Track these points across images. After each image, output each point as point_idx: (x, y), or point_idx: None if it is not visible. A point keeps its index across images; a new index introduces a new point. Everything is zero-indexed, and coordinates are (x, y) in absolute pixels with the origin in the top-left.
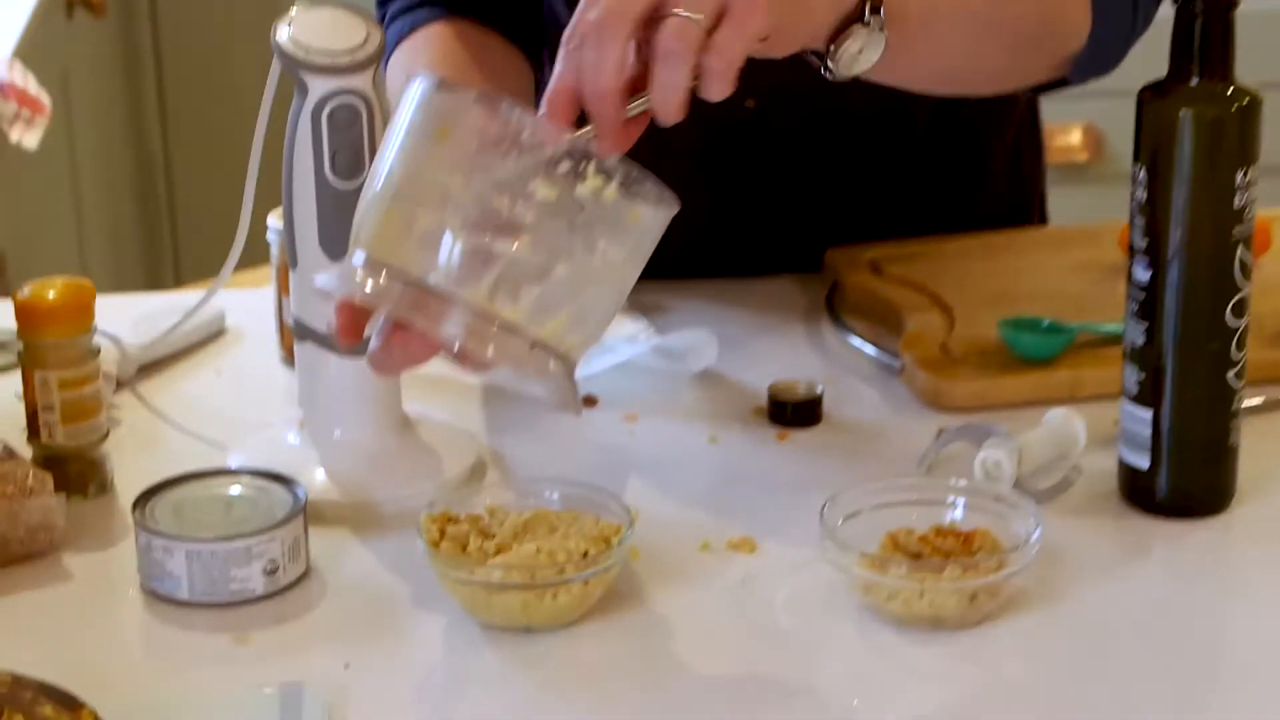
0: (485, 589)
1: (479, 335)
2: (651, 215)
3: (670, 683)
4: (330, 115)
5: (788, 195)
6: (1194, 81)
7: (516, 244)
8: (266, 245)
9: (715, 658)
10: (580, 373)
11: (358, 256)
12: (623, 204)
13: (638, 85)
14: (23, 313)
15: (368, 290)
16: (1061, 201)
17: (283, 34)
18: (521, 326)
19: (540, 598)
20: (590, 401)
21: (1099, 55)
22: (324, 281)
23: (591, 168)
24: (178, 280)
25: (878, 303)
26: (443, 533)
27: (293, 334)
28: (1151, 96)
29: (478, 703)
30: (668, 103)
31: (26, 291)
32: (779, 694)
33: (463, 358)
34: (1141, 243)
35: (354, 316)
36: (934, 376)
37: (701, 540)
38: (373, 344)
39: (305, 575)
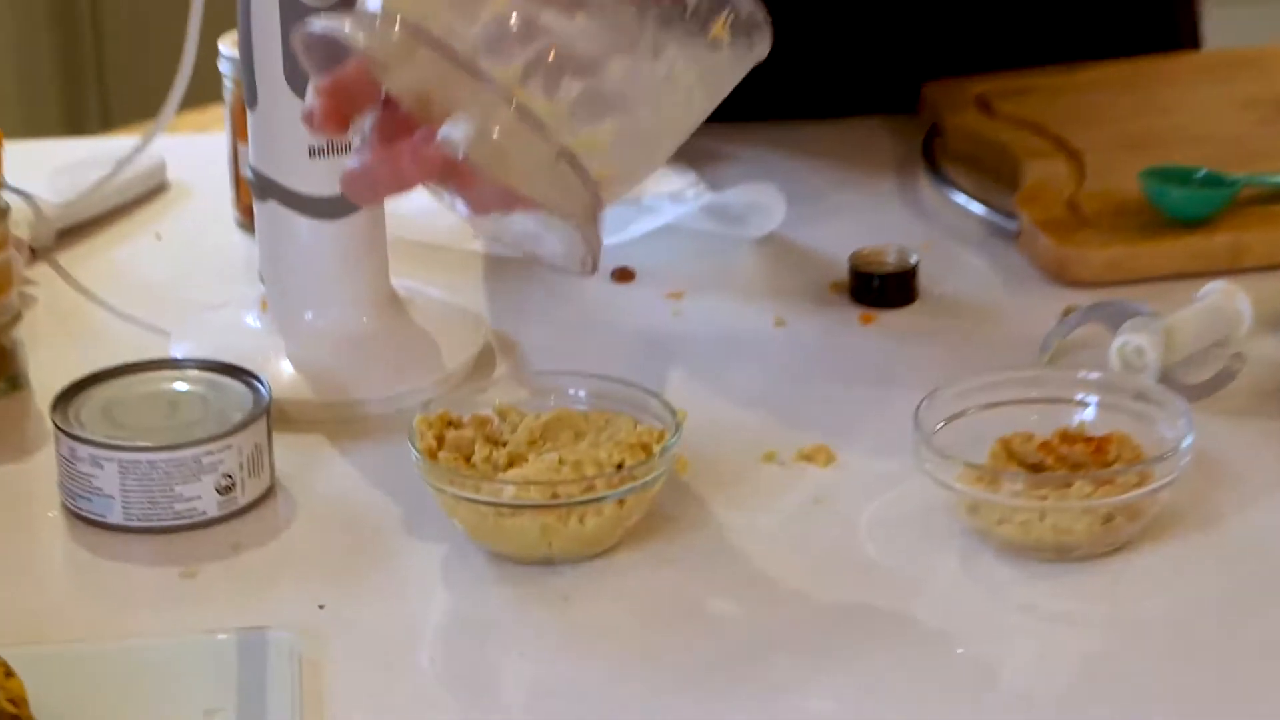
0: (495, 510)
1: (491, 133)
2: (743, 46)
3: (724, 629)
4: None
5: (875, 14)
6: None
7: (570, 20)
8: (218, 79)
9: (781, 598)
10: (612, 239)
11: (373, 3)
12: (710, 12)
13: None
14: None
15: (383, 38)
16: (1221, 22)
17: None
18: (550, 125)
19: (564, 521)
20: (626, 275)
21: None
22: (323, 26)
23: None
24: (106, 123)
25: (988, 149)
26: (441, 440)
27: (251, 190)
28: None
29: (485, 652)
30: None
31: None
32: (862, 643)
33: (462, 177)
34: None
35: (339, 102)
36: (1059, 242)
37: (765, 450)
38: (350, 161)
39: (269, 493)
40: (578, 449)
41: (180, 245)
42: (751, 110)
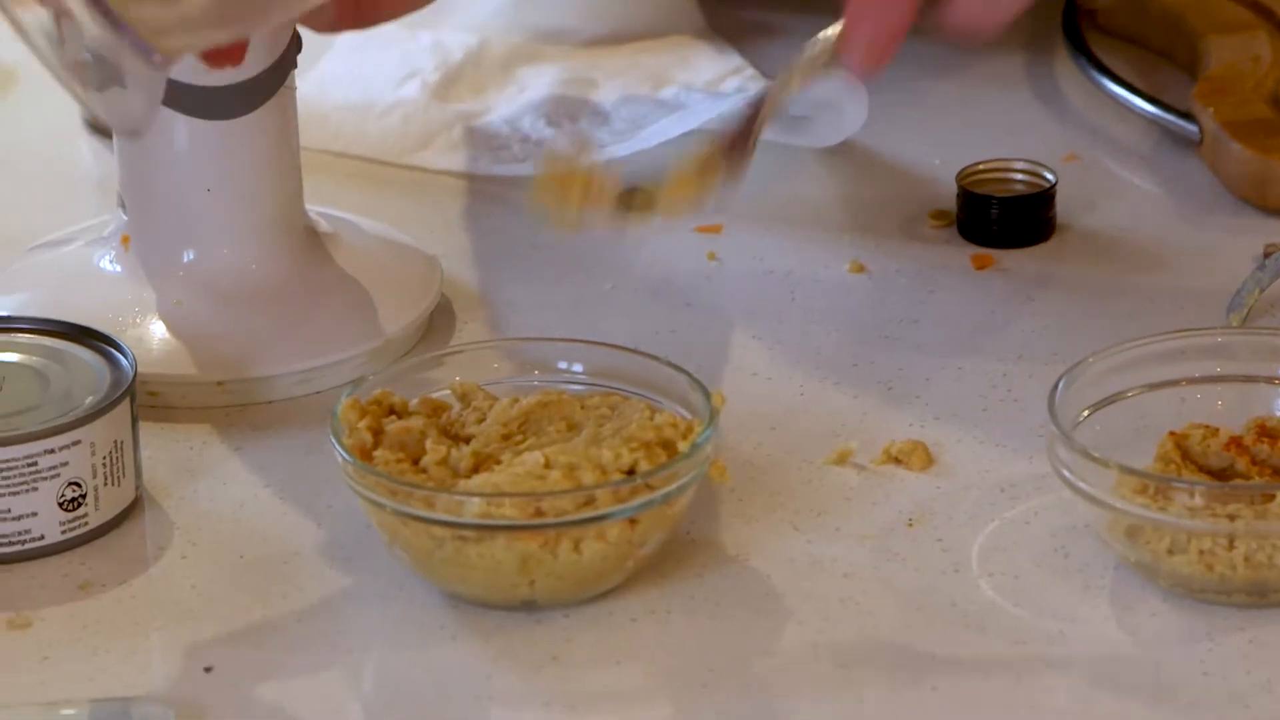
0: (454, 534)
1: None
2: None
3: (776, 703)
4: None
5: None
6: None
7: None
8: None
9: (858, 660)
10: (621, 145)
11: None
12: None
13: None
14: None
15: None
16: None
17: None
18: None
19: (551, 549)
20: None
21: None
22: None
23: None
24: None
25: (1156, 20)
26: (378, 434)
27: None
28: None
29: None
30: None
31: None
32: None
33: None
34: None
35: None
36: (1258, 152)
37: (836, 448)
38: None
39: (133, 510)
40: (571, 447)
41: (4, 155)
42: None
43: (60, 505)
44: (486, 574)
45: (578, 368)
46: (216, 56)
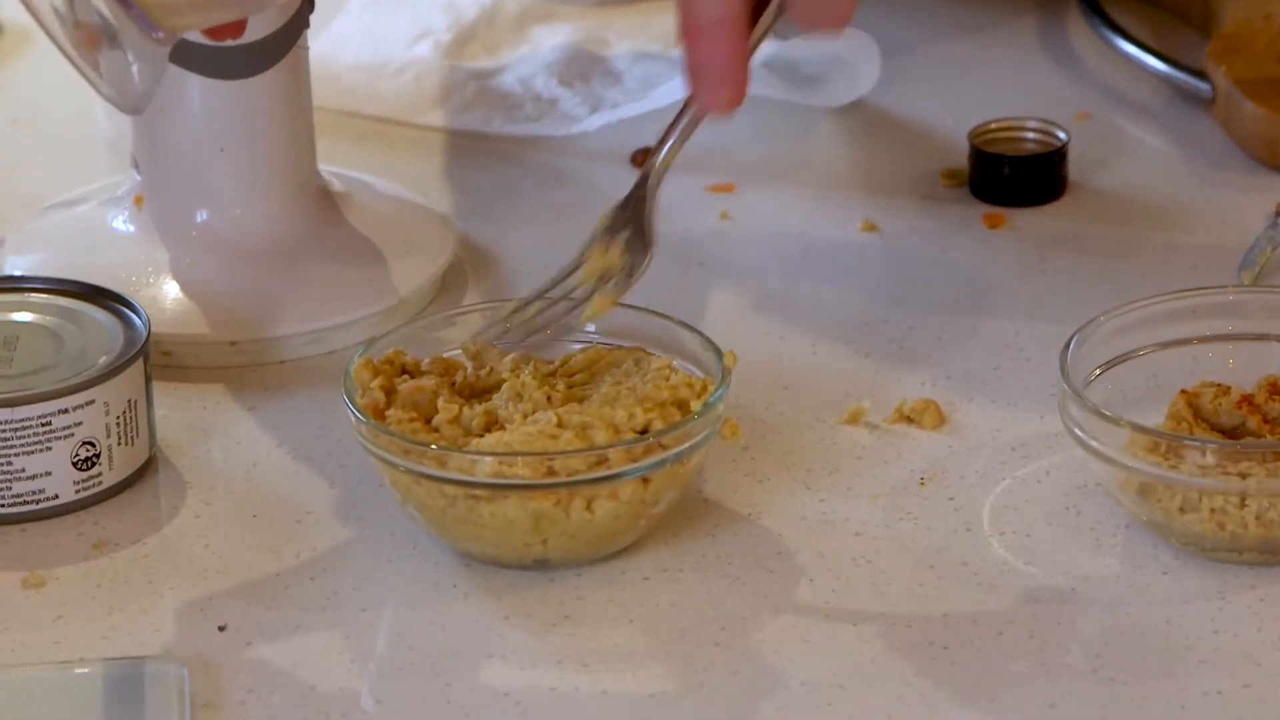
0: (467, 493)
1: None
2: None
3: (789, 662)
4: None
5: None
6: None
7: None
8: None
9: (870, 619)
10: (630, 106)
11: None
12: None
13: None
14: None
15: None
16: None
17: None
18: None
19: (564, 507)
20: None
21: None
22: None
23: None
24: None
25: None
26: (391, 393)
27: None
28: None
29: (453, 693)
30: None
31: None
32: (987, 685)
33: None
34: None
35: None
36: (1271, 110)
37: (849, 407)
38: None
39: (147, 469)
40: (585, 407)
41: (16, 115)
42: None
43: (74, 465)
44: (499, 532)
45: (590, 327)
46: (218, 30)
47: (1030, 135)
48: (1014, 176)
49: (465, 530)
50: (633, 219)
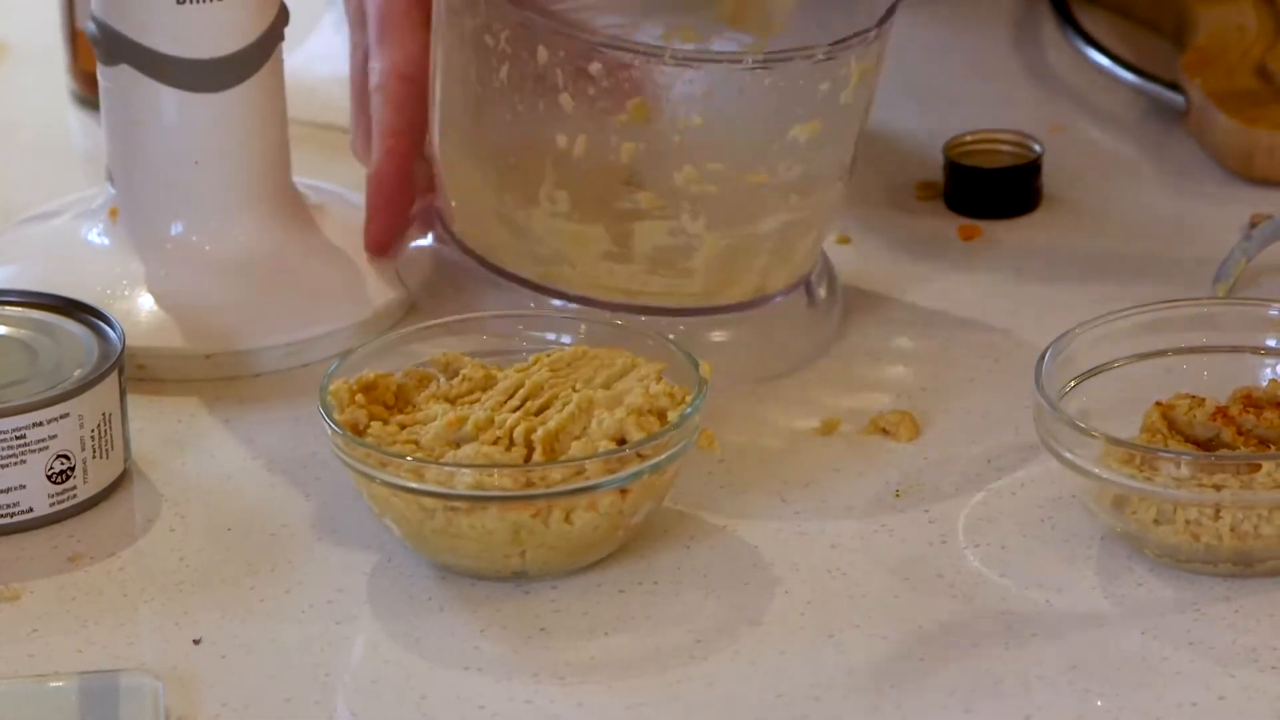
0: (444, 505)
1: None
2: None
3: (766, 674)
4: None
5: None
6: None
7: None
8: None
9: (846, 630)
10: None
11: None
12: None
13: None
14: None
15: None
16: None
17: None
18: None
19: (542, 518)
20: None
21: None
22: None
23: None
24: None
25: None
26: (368, 405)
27: (95, 51)
28: None
29: (429, 706)
30: None
31: None
32: (962, 695)
33: None
34: None
35: None
36: (1244, 122)
37: (823, 418)
38: None
39: (121, 482)
40: (562, 414)
41: None
42: None
43: (49, 478)
44: (478, 544)
45: (566, 339)
46: None
47: (1005, 148)
48: (990, 188)
49: (443, 542)
50: None
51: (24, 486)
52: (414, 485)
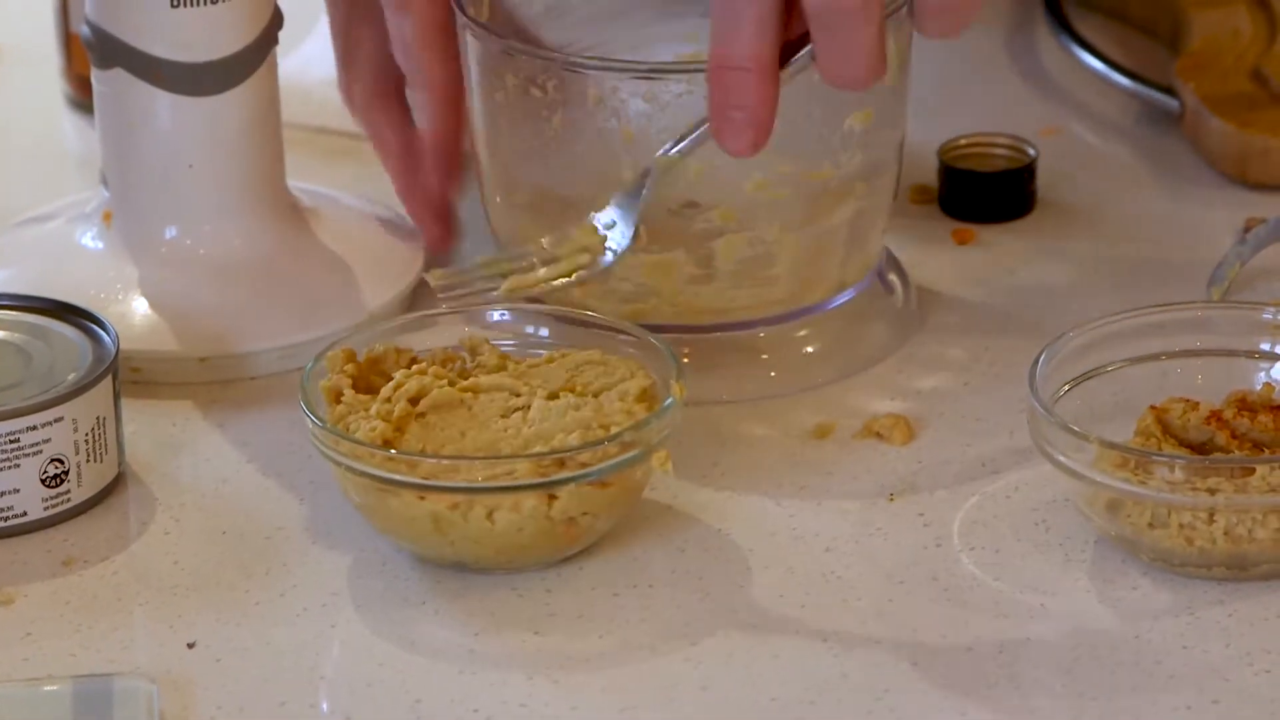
0: (376, 485)
1: None
2: None
3: (758, 678)
4: None
5: None
6: None
7: None
8: None
9: (838, 636)
10: None
11: None
12: None
13: None
14: None
15: None
16: None
17: None
18: None
19: (462, 513)
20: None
21: None
22: None
23: None
24: None
25: None
26: (356, 380)
27: (89, 54)
28: None
29: (417, 713)
30: None
31: None
32: (955, 702)
33: None
34: None
35: None
36: (1239, 126)
37: (815, 421)
38: None
39: (116, 485)
40: (537, 405)
41: None
42: None
43: (43, 481)
44: (406, 527)
45: (543, 331)
46: None
47: (999, 151)
48: (985, 192)
49: (381, 522)
50: (627, 213)
51: (18, 490)
52: (351, 463)
